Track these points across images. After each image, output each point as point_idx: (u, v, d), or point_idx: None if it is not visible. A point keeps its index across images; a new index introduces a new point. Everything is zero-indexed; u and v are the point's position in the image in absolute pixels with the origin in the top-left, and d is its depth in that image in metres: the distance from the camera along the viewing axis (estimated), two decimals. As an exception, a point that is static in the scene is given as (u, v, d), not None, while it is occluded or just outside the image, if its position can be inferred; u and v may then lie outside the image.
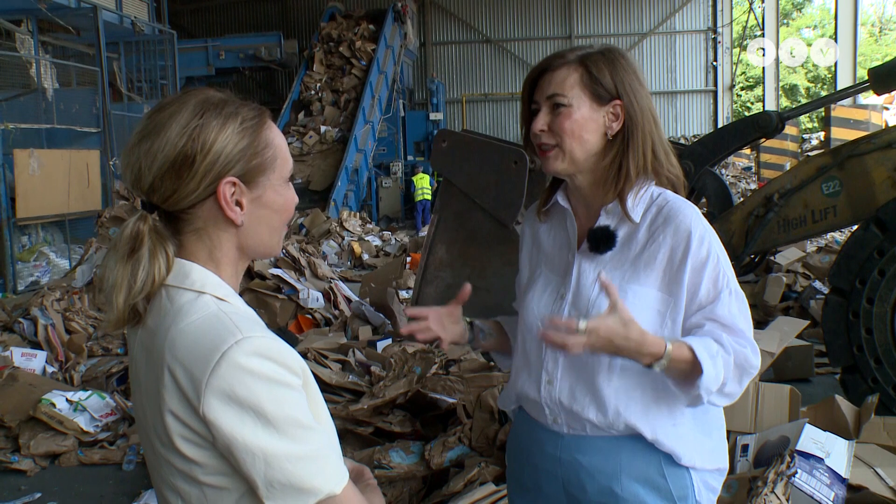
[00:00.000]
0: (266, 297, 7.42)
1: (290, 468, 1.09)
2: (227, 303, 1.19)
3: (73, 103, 13.52)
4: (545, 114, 1.62)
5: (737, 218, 4.63)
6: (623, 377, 1.59)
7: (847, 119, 14.84)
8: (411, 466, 3.78)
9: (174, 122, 1.17)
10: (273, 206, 1.24)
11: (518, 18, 27.88)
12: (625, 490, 1.61)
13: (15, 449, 4.86)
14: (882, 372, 4.18)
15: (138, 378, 1.21)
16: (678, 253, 1.56)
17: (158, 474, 1.20)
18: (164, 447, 1.15)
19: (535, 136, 1.63)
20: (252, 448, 1.08)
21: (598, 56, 1.62)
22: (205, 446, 1.12)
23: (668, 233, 1.58)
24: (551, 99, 1.61)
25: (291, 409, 1.11)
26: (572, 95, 1.59)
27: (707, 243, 1.57)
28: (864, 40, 36.54)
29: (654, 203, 1.62)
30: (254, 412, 1.09)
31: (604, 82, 1.60)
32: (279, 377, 1.11)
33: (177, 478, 1.16)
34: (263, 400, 1.09)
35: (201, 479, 1.14)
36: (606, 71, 1.60)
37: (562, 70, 1.61)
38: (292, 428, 1.10)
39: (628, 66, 1.63)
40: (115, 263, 1.17)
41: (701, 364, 1.48)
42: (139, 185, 1.19)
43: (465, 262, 4.81)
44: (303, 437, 1.11)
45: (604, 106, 1.60)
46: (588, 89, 1.60)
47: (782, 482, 2.81)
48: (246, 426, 1.08)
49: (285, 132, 19.66)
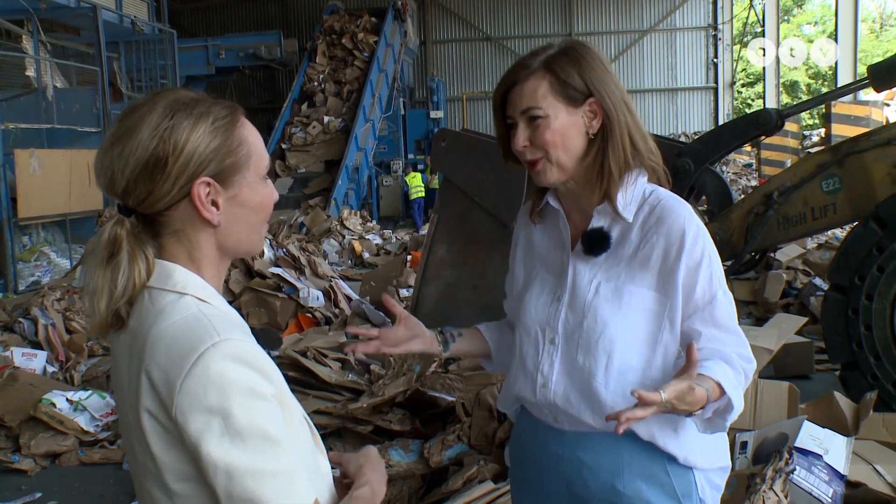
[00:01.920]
0: (266, 295, 7.43)
1: (251, 484, 1.07)
2: (209, 304, 1.18)
3: (73, 103, 13.52)
4: (523, 129, 1.58)
5: (737, 216, 4.62)
6: (620, 381, 1.57)
7: (847, 115, 14.81)
8: (410, 465, 3.79)
9: (144, 124, 1.16)
10: (250, 205, 1.23)
11: (518, 16, 27.86)
12: (627, 487, 1.61)
13: (15, 449, 4.86)
14: (881, 368, 4.18)
15: (120, 381, 1.20)
16: (672, 252, 1.56)
17: (138, 480, 1.19)
18: (141, 449, 1.14)
19: (519, 152, 1.61)
20: (215, 458, 1.06)
21: (561, 57, 1.58)
22: (177, 448, 1.10)
23: (661, 232, 1.57)
24: (526, 113, 1.57)
25: (262, 420, 1.09)
26: (546, 105, 1.56)
27: (701, 243, 1.56)
28: (865, 36, 36.48)
29: (646, 201, 1.61)
30: (222, 419, 1.07)
31: (574, 84, 1.56)
32: (253, 384, 1.10)
33: (152, 484, 1.15)
34: (234, 407, 1.07)
35: (171, 485, 1.12)
36: (574, 71, 1.56)
37: (529, 82, 1.57)
38: (259, 442, 1.08)
39: (593, 60, 1.58)
40: (94, 268, 1.16)
41: (731, 402, 1.51)
42: (113, 189, 1.18)
43: (466, 261, 4.82)
44: (269, 452, 1.09)
45: (580, 107, 1.57)
46: (560, 95, 1.56)
47: (781, 479, 2.81)
48: (212, 434, 1.06)
49: (289, 123, 19.79)
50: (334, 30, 21.81)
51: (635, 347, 1.58)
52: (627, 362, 1.58)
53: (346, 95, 20.56)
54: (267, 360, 1.15)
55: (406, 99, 24.43)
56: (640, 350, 1.58)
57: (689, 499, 1.61)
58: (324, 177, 18.95)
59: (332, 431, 4.40)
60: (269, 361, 1.15)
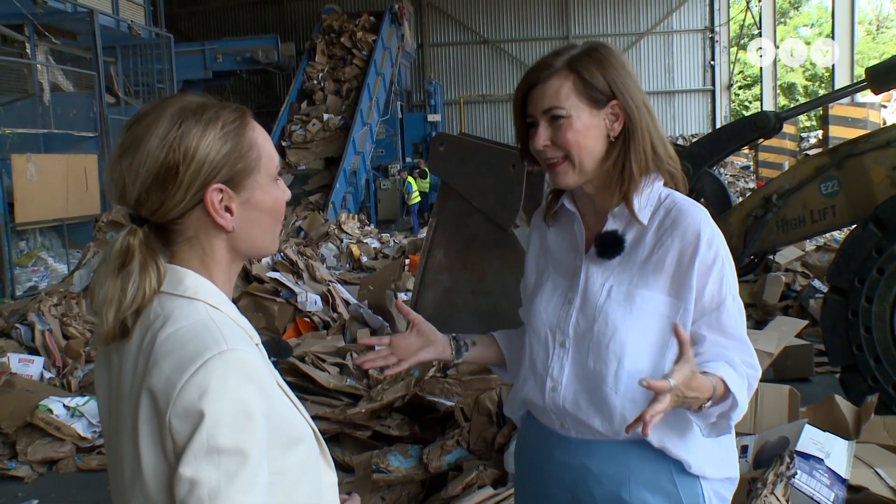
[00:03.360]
0: (264, 300, 7.41)
1: (206, 501, 1.04)
2: (219, 311, 1.16)
3: (70, 107, 13.52)
4: (545, 128, 1.56)
5: (735, 219, 4.62)
6: (630, 385, 1.55)
7: (845, 117, 14.83)
8: (409, 470, 3.77)
9: (152, 133, 1.15)
10: (263, 207, 1.22)
11: (515, 19, 27.89)
12: (633, 496, 1.58)
13: (12, 455, 4.84)
14: (882, 371, 4.17)
15: (121, 385, 1.17)
16: (686, 255, 1.54)
17: (119, 490, 1.16)
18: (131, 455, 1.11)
19: (539, 152, 1.58)
20: (187, 466, 1.04)
21: (585, 58, 1.56)
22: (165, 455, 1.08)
23: (676, 236, 1.55)
24: (548, 112, 1.55)
25: (245, 446, 1.06)
26: (570, 105, 1.54)
27: (715, 246, 1.54)
28: (862, 38, 36.54)
29: (661, 205, 1.59)
30: (207, 431, 1.04)
31: (598, 85, 1.55)
32: (249, 405, 1.08)
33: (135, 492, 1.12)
34: (222, 423, 1.05)
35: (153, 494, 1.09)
36: (598, 72, 1.55)
37: (553, 81, 1.55)
38: (234, 466, 1.05)
39: (616, 62, 1.57)
40: (105, 278, 1.15)
41: (736, 399, 1.47)
42: (125, 200, 1.17)
43: (464, 265, 4.80)
44: (241, 480, 1.05)
45: (602, 109, 1.55)
46: (584, 96, 1.54)
47: (782, 483, 2.79)
48: (194, 442, 1.04)
49: (289, 121, 20.01)
50: (333, 29, 22.04)
51: (646, 352, 1.56)
52: (638, 367, 1.55)
53: (345, 93, 20.79)
54: (269, 376, 1.14)
55: (403, 102, 24.48)
56: (650, 354, 1.56)
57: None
58: (323, 173, 19.14)
59: (330, 437, 4.39)
60: (271, 378, 1.14)
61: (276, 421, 1.13)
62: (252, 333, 1.19)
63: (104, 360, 1.23)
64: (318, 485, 1.23)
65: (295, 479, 1.18)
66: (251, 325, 1.22)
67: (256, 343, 1.19)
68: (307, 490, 1.20)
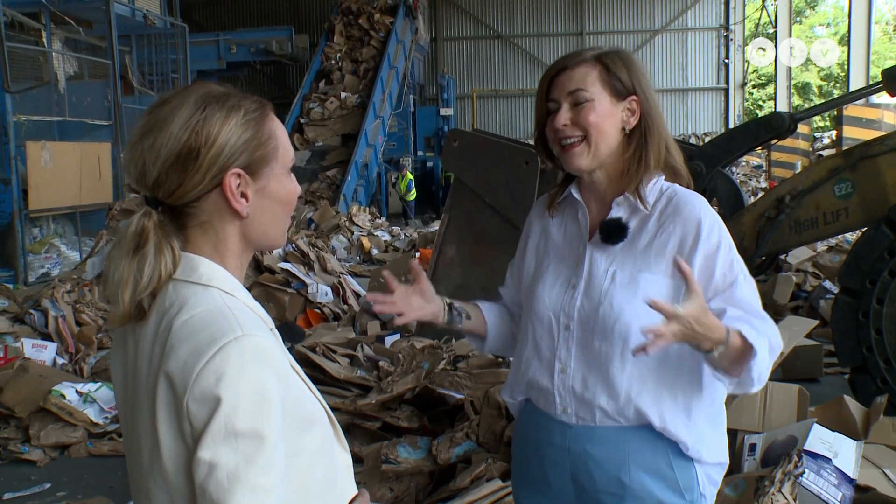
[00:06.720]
0: (275, 291, 7.45)
1: (226, 486, 1.06)
2: (234, 297, 1.19)
3: (84, 96, 13.58)
4: (567, 109, 1.66)
5: (748, 220, 4.62)
6: (637, 365, 1.61)
7: (859, 118, 14.76)
8: (418, 462, 3.80)
9: (177, 116, 1.17)
10: (276, 197, 1.24)
11: (529, 14, 27.82)
12: (632, 480, 1.64)
13: (25, 439, 4.90)
14: (891, 372, 4.17)
15: (137, 371, 1.19)
16: (688, 242, 1.61)
17: (138, 476, 1.19)
18: (148, 440, 1.14)
19: (558, 130, 1.66)
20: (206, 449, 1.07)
21: (613, 54, 1.69)
22: (183, 439, 1.10)
23: (677, 222, 1.63)
24: (573, 94, 1.65)
25: (263, 429, 1.09)
26: (594, 91, 1.65)
27: (717, 231, 1.62)
28: (878, 38, 36.29)
29: (663, 194, 1.69)
30: (225, 415, 1.07)
31: (622, 78, 1.66)
32: (266, 389, 1.10)
33: (153, 477, 1.14)
34: (240, 407, 1.07)
35: (172, 478, 1.12)
36: (623, 68, 1.67)
37: (581, 67, 1.67)
38: (253, 449, 1.08)
39: (638, 65, 1.71)
40: (120, 259, 1.17)
41: (754, 347, 1.50)
42: (144, 181, 1.19)
43: (475, 261, 4.82)
44: (258, 463, 1.08)
45: (622, 101, 1.66)
46: (607, 85, 1.66)
47: (790, 482, 2.81)
48: (212, 426, 1.07)
49: (306, 99, 20.40)
50: (351, 10, 22.30)
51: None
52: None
53: (362, 73, 21.13)
54: (284, 360, 1.16)
55: (416, 96, 24.43)
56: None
57: (690, 492, 1.66)
58: (340, 150, 19.45)
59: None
60: (285, 361, 1.17)
61: (292, 404, 1.16)
62: (266, 318, 1.22)
63: (120, 344, 1.25)
64: (332, 466, 1.26)
65: (310, 460, 1.20)
66: (265, 311, 1.24)
67: (271, 328, 1.21)
68: (322, 471, 1.23)
